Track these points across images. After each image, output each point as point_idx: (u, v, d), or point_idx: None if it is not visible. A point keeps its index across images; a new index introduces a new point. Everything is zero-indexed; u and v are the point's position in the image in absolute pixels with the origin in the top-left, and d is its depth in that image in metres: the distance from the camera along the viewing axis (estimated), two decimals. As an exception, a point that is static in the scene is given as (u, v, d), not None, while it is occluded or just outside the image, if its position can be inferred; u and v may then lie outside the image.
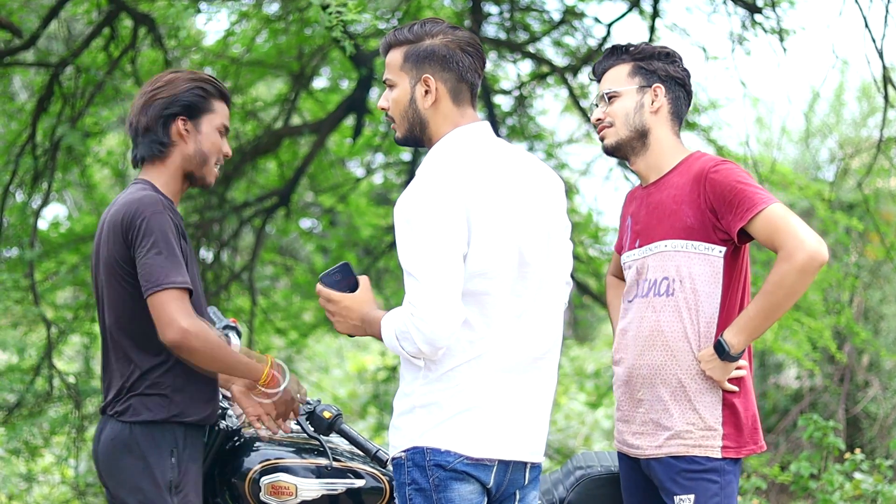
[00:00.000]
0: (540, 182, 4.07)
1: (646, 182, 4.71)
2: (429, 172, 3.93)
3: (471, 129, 4.04)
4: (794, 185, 12.67)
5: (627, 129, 4.63)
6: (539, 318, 4.01)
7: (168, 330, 4.14)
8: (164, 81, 4.41)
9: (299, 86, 12.85)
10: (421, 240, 3.82)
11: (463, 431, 3.89)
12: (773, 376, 17.30)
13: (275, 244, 15.79)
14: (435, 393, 3.90)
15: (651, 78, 4.65)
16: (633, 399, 4.61)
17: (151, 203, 4.24)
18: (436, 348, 3.80)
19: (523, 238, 3.94)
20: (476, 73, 4.09)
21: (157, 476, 4.28)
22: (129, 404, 4.31)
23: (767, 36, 10.14)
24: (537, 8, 11.59)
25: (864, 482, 8.07)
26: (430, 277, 3.78)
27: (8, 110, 12.30)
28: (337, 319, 4.07)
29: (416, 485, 3.91)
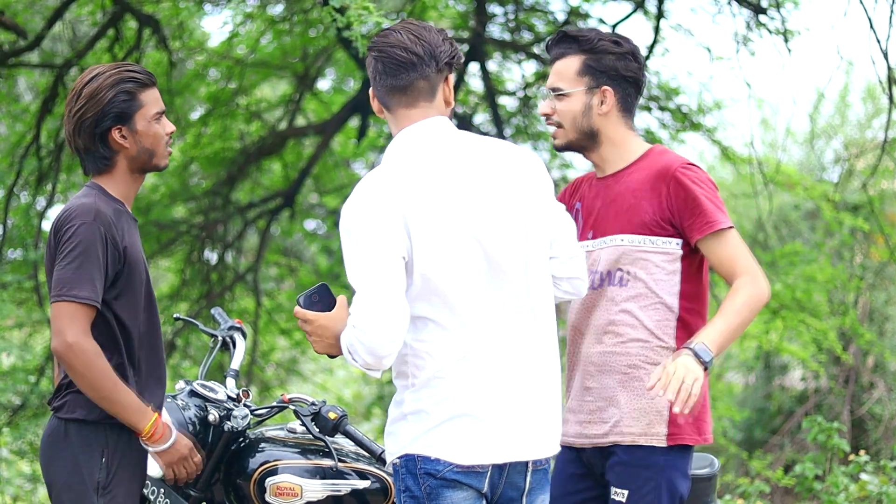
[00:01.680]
0: (505, 171, 3.96)
1: (602, 173, 4.63)
2: (364, 180, 3.90)
3: (416, 127, 3.97)
4: (799, 185, 12.66)
5: (576, 131, 4.55)
6: (526, 310, 3.93)
7: (55, 339, 4.15)
8: (87, 95, 4.32)
9: (304, 87, 12.86)
10: (355, 250, 3.79)
11: (451, 439, 3.83)
12: (778, 378, 17.29)
13: (279, 245, 15.81)
14: (422, 400, 3.85)
15: (600, 78, 4.52)
16: (582, 388, 4.56)
17: (85, 212, 4.21)
18: (379, 357, 3.75)
19: (483, 232, 3.85)
20: (393, 76, 3.99)
21: (85, 475, 4.25)
22: (65, 400, 4.29)
23: (772, 37, 10.15)
24: (542, 9, 11.59)
25: (869, 484, 8.07)
26: (366, 287, 3.74)
27: (12, 111, 12.32)
28: (314, 339, 4.01)
29: (410, 492, 3.87)
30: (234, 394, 4.93)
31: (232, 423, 4.78)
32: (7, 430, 11.20)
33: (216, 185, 12.99)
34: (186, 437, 4.42)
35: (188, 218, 13.67)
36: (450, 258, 3.81)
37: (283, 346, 16.26)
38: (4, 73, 11.74)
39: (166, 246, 13.03)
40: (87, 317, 4.15)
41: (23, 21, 10.52)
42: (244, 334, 5.26)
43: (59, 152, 11.09)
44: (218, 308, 5.40)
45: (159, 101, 4.43)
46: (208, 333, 5.27)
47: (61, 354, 4.13)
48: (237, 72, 12.20)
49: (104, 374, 4.16)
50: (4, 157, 11.46)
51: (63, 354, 4.13)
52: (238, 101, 12.90)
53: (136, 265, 4.32)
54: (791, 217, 16.65)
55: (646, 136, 11.93)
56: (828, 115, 17.45)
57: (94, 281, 4.15)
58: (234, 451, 4.85)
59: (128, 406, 4.21)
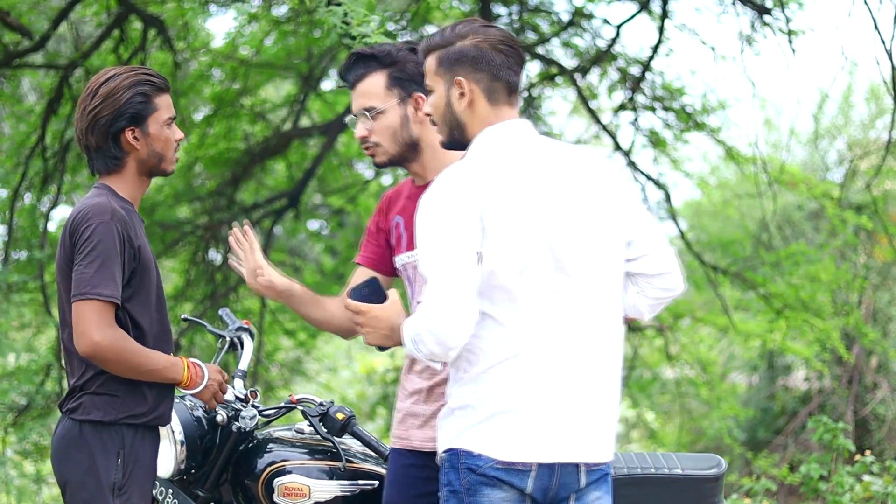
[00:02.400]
0: (581, 177, 3.97)
1: (423, 181, 4.56)
2: (445, 175, 3.92)
3: (498, 128, 4.00)
4: (802, 185, 12.67)
5: (396, 145, 4.51)
6: (588, 316, 3.92)
7: (80, 340, 4.17)
8: (104, 94, 4.36)
9: (308, 87, 12.87)
10: (431, 242, 3.82)
11: (494, 434, 3.84)
12: (782, 378, 17.31)
13: (283, 245, 15.82)
14: (469, 395, 3.87)
15: (409, 87, 4.48)
16: (433, 394, 4.51)
17: (101, 211, 4.24)
18: (447, 348, 3.78)
19: (554, 234, 3.86)
20: (511, 69, 4.02)
21: (101, 476, 4.27)
22: (80, 402, 4.31)
23: (776, 37, 10.16)
24: (546, 9, 11.60)
25: (873, 484, 8.07)
26: (439, 278, 3.77)
27: (17, 112, 12.32)
28: (367, 331, 4.03)
29: (451, 486, 3.89)
30: (242, 394, 4.94)
31: (240, 423, 4.79)
32: (12, 430, 11.22)
33: (220, 186, 13.00)
34: (210, 366, 4.47)
35: (193, 218, 13.69)
36: (519, 257, 3.83)
37: (288, 346, 16.28)
38: (9, 73, 11.76)
39: (171, 246, 13.05)
40: (111, 313, 4.19)
41: (27, 22, 10.52)
42: (252, 335, 5.26)
43: (64, 153, 11.10)
44: (225, 308, 5.41)
45: (171, 107, 4.47)
46: (216, 334, 5.28)
47: (91, 354, 4.16)
48: (241, 72, 12.20)
49: (135, 353, 4.21)
50: (9, 158, 11.46)
51: (92, 353, 4.16)
52: (242, 102, 12.91)
53: (149, 265, 4.35)
54: (795, 217, 16.66)
55: (650, 136, 11.94)
56: (831, 115, 17.47)
57: (116, 279, 4.18)
58: (242, 451, 4.86)
59: (163, 368, 4.28)
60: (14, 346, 9.56)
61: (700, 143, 22.60)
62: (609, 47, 11.21)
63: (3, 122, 12.75)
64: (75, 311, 4.18)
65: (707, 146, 19.40)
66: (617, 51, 11.42)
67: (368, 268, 4.75)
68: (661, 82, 11.70)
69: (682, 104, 11.76)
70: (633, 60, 11.61)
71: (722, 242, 14.16)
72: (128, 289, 4.27)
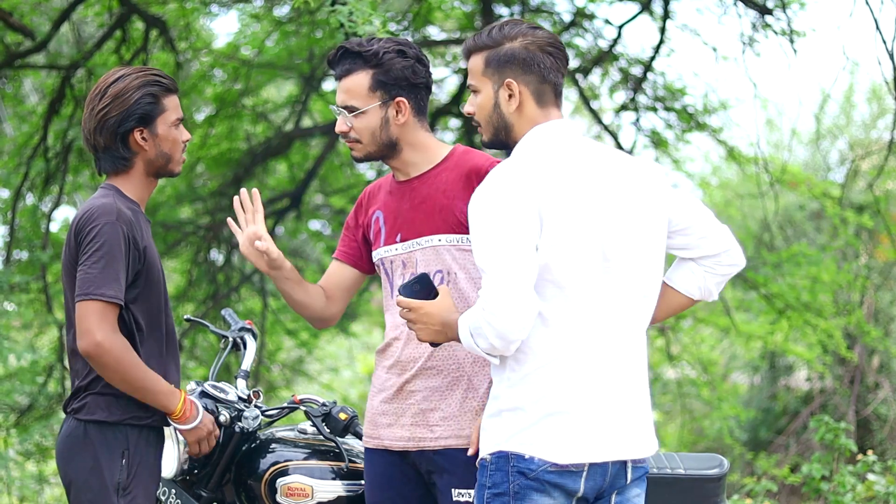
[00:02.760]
0: (624, 176, 4.00)
1: (405, 176, 4.60)
2: (502, 169, 3.92)
3: (548, 126, 4.01)
4: (804, 185, 12.67)
5: (375, 145, 4.52)
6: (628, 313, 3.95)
7: (83, 339, 4.18)
8: (112, 95, 4.37)
9: (310, 87, 12.87)
10: (490, 234, 3.81)
11: (548, 437, 3.83)
12: (784, 378, 17.31)
13: (285, 246, 15.82)
14: (520, 396, 3.86)
15: (393, 90, 4.47)
16: (403, 391, 4.52)
17: (107, 212, 4.25)
18: (508, 342, 3.76)
19: (604, 234, 3.89)
20: (559, 72, 4.05)
21: (105, 476, 4.28)
22: (85, 402, 4.32)
23: (778, 37, 10.16)
24: (548, 10, 11.60)
25: (876, 484, 8.07)
26: (500, 271, 3.75)
27: (19, 113, 12.33)
28: (419, 327, 4.03)
29: (496, 489, 3.86)
30: (245, 394, 4.94)
31: (243, 423, 4.79)
32: (14, 430, 11.22)
33: (222, 186, 13.00)
34: (207, 415, 4.47)
35: (194, 219, 13.69)
36: (571, 254, 3.84)
37: (289, 346, 16.28)
38: (11, 74, 11.77)
39: (172, 247, 13.05)
40: (114, 315, 4.20)
41: (29, 22, 10.53)
42: (255, 335, 5.27)
43: (66, 154, 11.10)
44: (228, 309, 5.41)
45: (179, 108, 4.48)
46: (219, 335, 5.28)
47: (91, 354, 4.17)
48: (243, 73, 12.20)
49: (134, 366, 4.21)
50: (11, 159, 11.47)
51: (93, 354, 4.17)
52: (244, 102, 12.91)
53: (154, 266, 4.36)
54: (796, 217, 16.67)
55: (651, 136, 11.95)
56: (833, 115, 17.48)
57: (120, 280, 4.19)
58: (245, 451, 4.87)
59: (159, 392, 4.27)
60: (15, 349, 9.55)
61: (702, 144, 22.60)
62: (611, 48, 11.22)
63: (6, 122, 12.76)
64: (78, 310, 4.19)
65: (709, 146, 19.40)
66: (618, 51, 11.43)
67: (345, 263, 4.78)
68: (663, 83, 11.71)
69: (684, 104, 11.77)
70: (634, 61, 11.62)
71: (724, 242, 14.13)
72: (133, 289, 4.28)
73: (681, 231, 4.11)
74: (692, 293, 4.21)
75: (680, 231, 4.10)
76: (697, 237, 4.12)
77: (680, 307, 4.27)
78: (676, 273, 4.20)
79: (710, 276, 4.18)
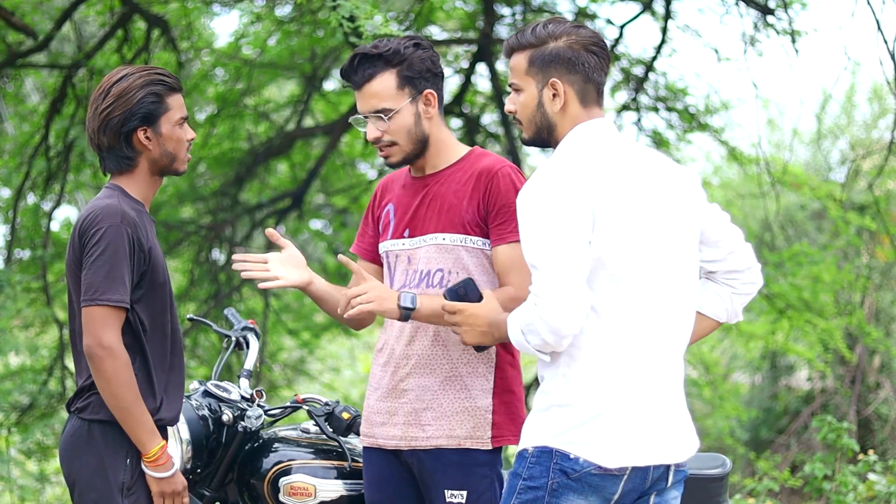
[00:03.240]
0: (667, 176, 4.00)
1: (421, 173, 4.59)
2: (551, 165, 3.89)
3: (593, 123, 3.99)
4: (805, 185, 12.67)
5: (411, 143, 4.49)
6: (674, 312, 3.94)
7: (89, 339, 4.17)
8: (116, 94, 4.35)
9: (311, 87, 12.87)
10: (542, 230, 3.78)
11: (597, 438, 3.81)
12: (785, 378, 17.30)
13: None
14: (572, 393, 3.83)
15: (420, 84, 4.44)
16: (397, 390, 4.54)
17: (112, 214, 4.23)
18: (561, 337, 3.73)
19: (651, 232, 3.88)
20: (602, 71, 4.02)
21: (110, 476, 4.27)
22: (89, 402, 4.31)
23: (779, 37, 10.16)
24: (549, 9, 11.60)
25: (877, 483, 8.07)
26: (552, 266, 3.73)
27: (21, 112, 12.33)
28: (464, 329, 4.01)
29: (532, 482, 3.83)
30: (248, 394, 4.95)
31: (246, 423, 4.79)
32: (15, 429, 11.22)
33: (224, 186, 13.01)
34: (181, 475, 4.40)
35: (196, 218, 13.69)
36: (628, 247, 3.83)
37: (291, 346, 16.29)
38: (13, 73, 11.77)
39: (174, 246, 13.05)
40: (119, 320, 4.19)
41: (31, 21, 10.53)
42: (257, 335, 5.27)
43: (67, 153, 11.10)
44: (231, 308, 5.41)
45: (183, 107, 4.46)
46: (222, 334, 5.28)
47: (95, 355, 4.16)
48: (245, 72, 12.20)
49: (129, 384, 4.19)
50: (13, 158, 11.47)
51: (97, 355, 4.15)
52: (246, 102, 12.91)
53: (159, 267, 4.35)
54: (797, 217, 16.67)
55: (653, 136, 11.95)
56: (834, 115, 17.47)
57: (125, 282, 4.18)
58: (247, 451, 4.87)
59: (144, 423, 4.23)
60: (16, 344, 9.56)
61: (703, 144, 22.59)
62: (612, 47, 11.21)
63: (7, 121, 12.76)
64: (84, 315, 4.18)
65: (710, 146, 19.39)
66: (620, 51, 11.42)
67: (363, 258, 4.76)
68: (665, 83, 11.71)
69: (686, 105, 11.77)
70: (636, 61, 11.62)
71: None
72: (138, 290, 4.27)
73: (712, 243, 4.11)
74: (719, 316, 4.21)
75: (711, 243, 4.11)
76: (726, 251, 4.13)
77: (707, 331, 4.26)
78: (703, 297, 4.18)
79: (737, 297, 4.18)
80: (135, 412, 4.21)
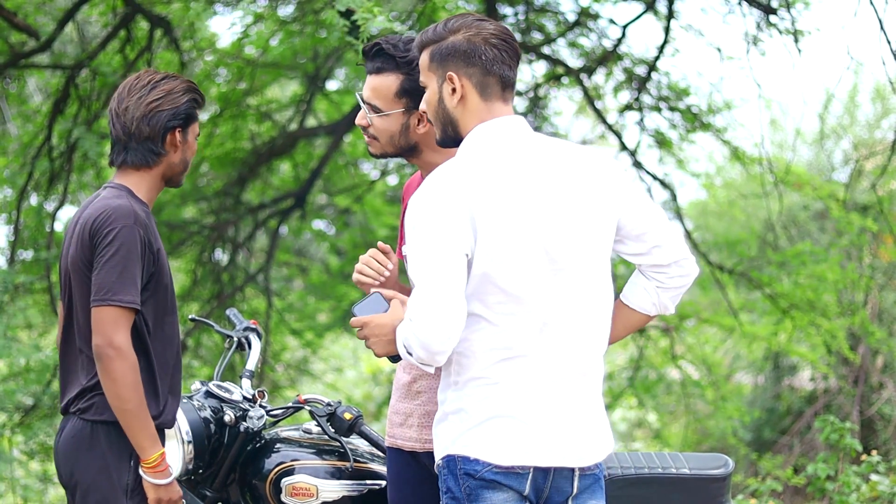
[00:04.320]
0: (573, 173, 3.90)
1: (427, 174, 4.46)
2: (437, 173, 3.86)
3: (490, 125, 3.92)
4: (808, 185, 12.66)
5: (392, 147, 4.46)
6: (581, 316, 3.88)
7: (99, 338, 4.16)
8: (165, 91, 4.40)
9: (314, 87, 12.88)
10: (420, 244, 3.76)
11: (491, 439, 3.79)
12: (787, 378, 17.29)
13: (289, 245, 15.85)
14: (463, 399, 3.82)
15: (419, 100, 4.31)
16: (411, 391, 4.53)
17: (125, 215, 4.23)
18: (433, 353, 3.72)
19: (547, 235, 3.81)
20: (504, 64, 3.93)
21: (114, 477, 4.26)
22: (92, 402, 4.29)
23: (782, 37, 10.15)
24: (552, 9, 11.60)
25: (880, 484, 8.06)
26: (427, 282, 3.71)
27: (24, 112, 12.33)
28: (373, 341, 3.96)
29: (451, 493, 3.84)
30: (250, 394, 4.95)
31: (248, 423, 4.79)
32: (18, 430, 11.22)
33: (227, 186, 13.02)
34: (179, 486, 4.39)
35: (199, 218, 13.71)
36: (513, 258, 3.78)
37: (294, 346, 16.29)
38: (15, 74, 11.77)
39: (177, 246, 13.06)
40: (129, 321, 4.20)
41: (34, 22, 10.53)
42: (259, 335, 5.26)
43: (70, 153, 11.10)
44: (233, 309, 5.41)
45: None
46: (224, 334, 5.28)
47: (105, 355, 4.15)
48: (248, 72, 12.21)
49: (136, 387, 4.19)
50: (16, 158, 11.47)
51: (106, 356, 4.15)
52: (248, 102, 12.92)
53: (164, 268, 4.36)
54: (800, 217, 16.66)
55: (656, 136, 11.95)
56: (837, 115, 17.47)
57: (136, 284, 4.19)
58: (249, 451, 4.87)
59: (146, 428, 4.23)
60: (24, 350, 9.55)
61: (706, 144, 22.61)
62: (615, 47, 11.21)
63: (10, 122, 12.76)
64: (95, 315, 4.18)
65: (713, 146, 19.38)
66: (623, 51, 11.42)
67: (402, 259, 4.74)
68: (667, 82, 11.70)
69: (688, 104, 11.76)
70: (638, 60, 11.61)
71: (727, 242, 14.16)
72: (145, 291, 4.27)
73: (634, 237, 4.02)
74: (647, 310, 4.12)
75: (633, 237, 4.02)
76: (651, 245, 4.03)
77: (638, 324, 4.18)
78: (630, 291, 4.12)
79: (663, 290, 4.09)
80: (139, 416, 4.21)
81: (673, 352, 13.69)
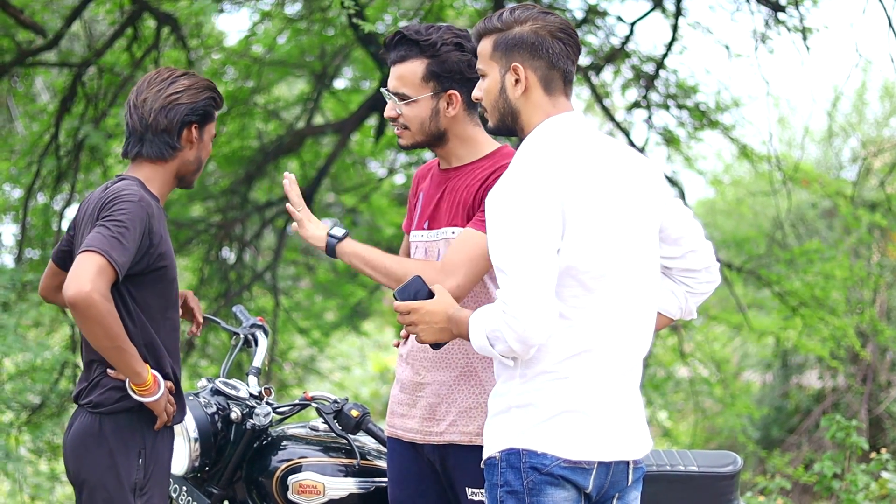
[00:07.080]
0: (633, 172, 3.94)
1: (447, 165, 4.57)
2: (521, 164, 3.83)
3: (563, 118, 3.92)
4: (816, 183, 12.65)
5: (423, 134, 4.48)
6: (638, 312, 3.91)
7: (71, 284, 4.03)
8: (186, 85, 4.41)
9: (321, 85, 12.87)
10: (511, 234, 3.72)
11: (561, 433, 3.78)
12: (796, 376, 17.28)
13: (296, 244, 15.84)
14: (532, 393, 3.79)
15: (446, 82, 4.41)
16: (415, 382, 4.51)
17: (133, 194, 4.23)
18: (528, 346, 3.68)
19: (620, 234, 3.83)
20: (569, 59, 3.94)
21: (122, 475, 4.25)
22: (104, 396, 4.28)
23: (790, 34, 10.14)
24: (560, 7, 11.57)
25: (890, 482, 8.04)
26: (522, 273, 3.66)
27: (31, 111, 12.34)
28: (421, 328, 3.92)
29: (509, 486, 3.79)
30: (257, 391, 4.94)
31: (254, 420, 4.79)
32: (26, 428, 11.22)
33: (234, 184, 13.02)
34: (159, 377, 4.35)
35: (206, 217, 13.71)
36: (599, 253, 3.79)
37: (301, 344, 16.29)
38: (22, 72, 11.77)
39: (184, 245, 13.06)
40: (111, 279, 4.10)
41: (41, 20, 10.54)
42: (266, 332, 5.26)
43: (77, 152, 11.10)
44: (240, 306, 5.40)
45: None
46: (230, 331, 5.28)
47: (78, 303, 4.02)
48: (255, 70, 12.21)
49: (117, 324, 4.11)
50: (23, 157, 11.48)
51: (80, 304, 4.02)
52: (256, 100, 12.92)
53: (170, 261, 4.34)
54: (808, 215, 16.65)
55: (664, 133, 11.93)
56: (845, 113, 17.45)
57: (129, 252, 4.14)
58: (256, 448, 4.87)
59: (133, 356, 4.18)
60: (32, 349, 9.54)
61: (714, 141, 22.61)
62: (623, 45, 11.20)
63: (17, 120, 12.77)
64: (77, 260, 4.09)
65: (721, 144, 19.40)
66: (631, 48, 11.41)
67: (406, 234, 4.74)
68: (675, 80, 11.69)
69: (696, 102, 11.75)
70: (646, 58, 11.60)
71: (736, 240, 14.14)
72: (148, 285, 4.26)
73: (672, 241, 4.06)
74: (672, 313, 4.18)
75: (671, 240, 4.06)
76: (686, 249, 4.08)
77: (658, 327, 4.20)
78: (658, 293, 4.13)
79: (692, 296, 4.15)
80: (126, 348, 4.14)
81: (681, 349, 13.68)
